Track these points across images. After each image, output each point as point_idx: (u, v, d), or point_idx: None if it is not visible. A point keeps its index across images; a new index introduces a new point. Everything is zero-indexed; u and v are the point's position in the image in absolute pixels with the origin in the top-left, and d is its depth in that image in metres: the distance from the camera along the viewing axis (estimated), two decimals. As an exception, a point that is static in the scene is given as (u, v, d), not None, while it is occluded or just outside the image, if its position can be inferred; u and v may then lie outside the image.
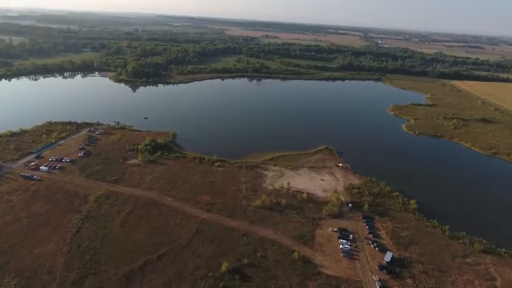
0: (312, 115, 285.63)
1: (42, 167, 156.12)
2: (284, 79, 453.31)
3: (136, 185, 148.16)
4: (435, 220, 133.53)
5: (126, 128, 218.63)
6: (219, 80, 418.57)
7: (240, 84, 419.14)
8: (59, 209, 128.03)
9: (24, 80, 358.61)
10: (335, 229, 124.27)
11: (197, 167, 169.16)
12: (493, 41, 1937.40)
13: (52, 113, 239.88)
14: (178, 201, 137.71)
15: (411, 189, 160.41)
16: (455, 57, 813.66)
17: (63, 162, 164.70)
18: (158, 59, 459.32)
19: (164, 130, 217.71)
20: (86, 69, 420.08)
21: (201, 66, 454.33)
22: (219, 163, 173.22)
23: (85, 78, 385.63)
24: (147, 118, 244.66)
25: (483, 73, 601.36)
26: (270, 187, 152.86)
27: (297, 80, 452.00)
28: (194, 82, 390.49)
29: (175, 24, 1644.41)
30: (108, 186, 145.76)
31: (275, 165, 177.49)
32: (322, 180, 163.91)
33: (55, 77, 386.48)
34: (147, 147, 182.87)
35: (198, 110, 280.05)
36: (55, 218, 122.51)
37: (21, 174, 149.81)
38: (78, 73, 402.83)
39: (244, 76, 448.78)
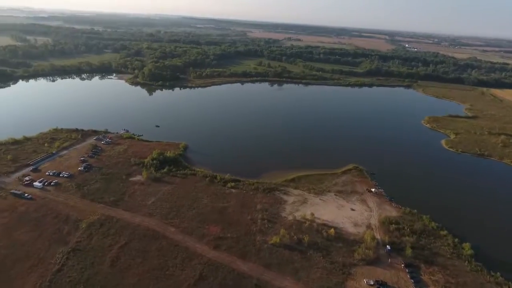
0: (338, 126, 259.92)
1: (36, 183, 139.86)
2: (307, 84, 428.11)
3: (136, 209, 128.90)
4: (498, 273, 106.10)
5: (134, 138, 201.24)
6: (238, 85, 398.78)
7: (260, 89, 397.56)
8: (44, 238, 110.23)
9: (41, 82, 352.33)
10: (371, 282, 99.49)
11: (207, 188, 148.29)
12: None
13: (61, 118, 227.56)
14: (181, 232, 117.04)
15: (462, 225, 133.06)
16: (491, 62, 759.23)
17: (61, 177, 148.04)
18: (176, 62, 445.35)
19: (175, 140, 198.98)
20: (104, 70, 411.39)
21: (220, 70, 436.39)
22: (232, 184, 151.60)
23: (102, 80, 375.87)
24: (158, 126, 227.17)
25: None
26: (291, 218, 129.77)
27: (321, 86, 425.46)
28: (212, 87, 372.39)
29: (198, 26, 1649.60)
30: (105, 209, 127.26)
31: (296, 188, 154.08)
32: (352, 209, 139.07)
33: (73, 78, 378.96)
34: (154, 161, 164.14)
35: (214, 118, 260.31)
36: (37, 251, 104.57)
37: (12, 191, 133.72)
38: (95, 75, 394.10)
39: (264, 81, 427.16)
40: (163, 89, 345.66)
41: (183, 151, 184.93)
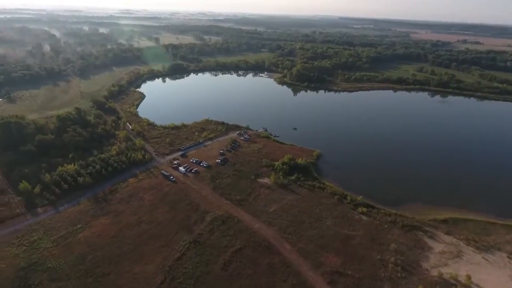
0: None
1: (181, 168, 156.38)
2: (482, 98, 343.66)
3: (257, 214, 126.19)
4: None
5: (270, 138, 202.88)
6: (390, 92, 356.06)
7: (417, 99, 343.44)
8: (176, 222, 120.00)
9: (206, 75, 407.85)
10: None
11: (334, 208, 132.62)
12: None
13: (213, 109, 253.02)
14: (296, 253, 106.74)
15: None
16: None
17: (201, 166, 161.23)
18: (325, 63, 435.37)
19: (310, 147, 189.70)
20: (258, 68, 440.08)
21: (372, 74, 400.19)
22: (364, 209, 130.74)
23: (254, 78, 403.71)
24: (296, 129, 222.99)
25: None
26: (435, 273, 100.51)
27: (504, 102, 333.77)
28: (359, 92, 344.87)
29: (355, 26, 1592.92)
30: (229, 207, 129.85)
31: (448, 234, 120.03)
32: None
33: (231, 74, 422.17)
34: (284, 166, 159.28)
35: (354, 127, 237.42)
36: (168, 233, 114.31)
37: (162, 171, 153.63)
38: (250, 72, 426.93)
39: (424, 90, 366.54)
40: (308, 91, 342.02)
41: (315, 160, 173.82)
